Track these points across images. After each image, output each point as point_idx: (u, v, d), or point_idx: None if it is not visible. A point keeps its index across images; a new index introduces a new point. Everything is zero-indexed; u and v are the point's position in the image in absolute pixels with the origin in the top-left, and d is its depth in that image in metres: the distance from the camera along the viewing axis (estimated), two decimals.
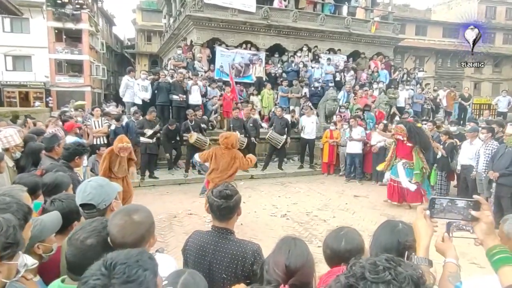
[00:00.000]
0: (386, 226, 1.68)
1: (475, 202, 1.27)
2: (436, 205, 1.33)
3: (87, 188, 1.91)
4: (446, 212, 1.32)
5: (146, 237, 1.51)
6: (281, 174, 10.14)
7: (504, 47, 32.12)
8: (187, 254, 2.11)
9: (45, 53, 26.31)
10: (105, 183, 2.00)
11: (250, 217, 6.63)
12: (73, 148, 3.69)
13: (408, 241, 1.52)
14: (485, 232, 1.24)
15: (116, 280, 0.94)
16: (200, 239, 2.09)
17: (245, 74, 13.81)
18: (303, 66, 13.72)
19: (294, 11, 15.07)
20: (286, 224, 6.34)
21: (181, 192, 8.34)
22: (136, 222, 1.48)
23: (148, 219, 1.54)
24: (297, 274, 1.52)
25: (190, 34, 14.37)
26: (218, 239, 2.04)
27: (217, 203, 2.02)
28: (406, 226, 1.62)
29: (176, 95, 10.09)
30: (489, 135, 6.82)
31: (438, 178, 8.29)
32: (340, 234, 1.87)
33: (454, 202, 1.31)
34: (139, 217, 1.51)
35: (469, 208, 1.27)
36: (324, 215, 6.81)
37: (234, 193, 2.07)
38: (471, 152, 7.25)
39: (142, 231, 1.49)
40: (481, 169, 6.81)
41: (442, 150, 8.03)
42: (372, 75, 14.72)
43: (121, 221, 1.47)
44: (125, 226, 1.46)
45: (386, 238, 1.61)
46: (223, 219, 2.06)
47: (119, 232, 1.44)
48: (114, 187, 2.09)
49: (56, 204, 1.96)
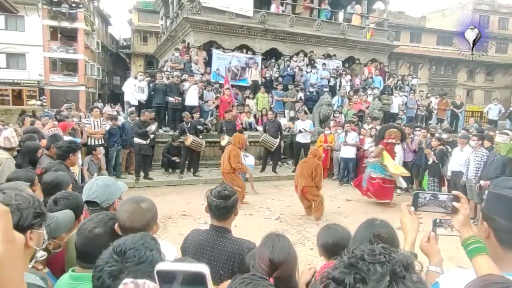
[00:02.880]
0: (364, 223, 1.81)
1: (455, 196, 1.40)
2: (419, 199, 1.44)
3: (93, 186, 2.01)
4: (429, 205, 1.44)
5: (151, 223, 1.66)
6: (275, 177, 10.22)
7: (496, 56, 32.63)
8: (186, 251, 2.18)
9: (40, 52, 26.17)
10: (110, 183, 2.11)
11: (244, 219, 6.69)
12: (65, 146, 3.74)
13: (380, 233, 1.63)
14: (462, 223, 1.35)
15: (130, 263, 1.06)
16: (198, 237, 2.17)
17: (241, 78, 13.92)
18: (298, 71, 13.86)
19: (290, 16, 15.22)
20: (280, 227, 6.40)
21: (176, 193, 8.38)
22: (143, 209, 1.63)
23: (153, 207, 1.71)
24: (281, 267, 1.64)
25: (187, 36, 14.44)
26: (216, 237, 2.12)
27: (215, 203, 2.10)
28: (384, 222, 1.73)
29: (172, 97, 10.14)
30: (480, 142, 6.97)
31: (430, 184, 8.45)
32: (328, 230, 2.06)
33: (436, 196, 1.44)
34: (146, 205, 1.67)
35: (450, 201, 1.40)
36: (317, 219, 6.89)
37: (232, 193, 2.16)
38: (461, 158, 7.40)
39: (149, 218, 1.64)
40: (471, 176, 6.96)
41: (433, 156, 8.19)
42: (367, 81, 14.90)
43: (131, 208, 1.62)
44: (134, 212, 1.60)
45: (363, 231, 1.74)
46: (221, 219, 2.14)
47: (129, 217, 1.58)
48: (119, 187, 2.19)
49: (63, 202, 2.02)
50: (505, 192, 1.24)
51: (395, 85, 15.11)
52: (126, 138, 8.89)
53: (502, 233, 1.22)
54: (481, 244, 1.26)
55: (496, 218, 1.23)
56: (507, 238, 1.21)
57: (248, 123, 11.90)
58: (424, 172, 8.72)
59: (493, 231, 1.25)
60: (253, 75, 13.73)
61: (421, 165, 8.85)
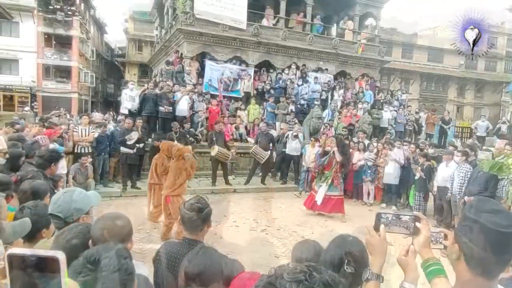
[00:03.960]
0: (337, 238, 1.76)
1: (416, 217, 1.40)
2: (382, 219, 1.43)
3: (59, 200, 1.97)
4: (391, 225, 1.43)
5: (126, 241, 1.65)
6: (264, 189, 10.20)
7: (486, 73, 33.33)
8: (158, 264, 2.18)
9: (33, 58, 26.07)
10: (78, 198, 2.03)
11: (231, 231, 6.67)
12: (48, 155, 3.69)
13: (351, 251, 1.60)
14: (422, 245, 1.35)
15: (106, 272, 1.05)
16: (170, 250, 2.16)
17: (233, 89, 13.99)
18: (290, 83, 13.99)
19: (283, 30, 15.43)
20: (265, 239, 6.39)
21: None
22: (118, 226, 1.64)
23: (128, 224, 1.71)
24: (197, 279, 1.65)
25: (181, 46, 14.54)
26: (188, 251, 2.10)
27: (188, 215, 2.10)
28: (356, 239, 1.72)
29: (162, 106, 10.15)
30: (463, 158, 7.08)
31: (416, 199, 8.51)
32: (304, 244, 2.04)
33: (398, 216, 1.43)
34: (121, 222, 1.67)
35: (412, 222, 1.40)
36: (303, 231, 6.89)
37: (205, 206, 2.17)
38: (446, 174, 7.48)
39: (123, 235, 1.64)
40: (455, 191, 7.03)
41: (421, 172, 8.28)
42: (357, 95, 15.08)
43: (106, 225, 1.63)
44: (109, 230, 1.60)
45: (334, 248, 1.69)
46: (194, 231, 2.15)
47: (103, 235, 1.58)
48: (88, 201, 2.10)
49: (25, 212, 2.03)
50: (481, 218, 1.18)
51: (385, 99, 15.30)
52: (115, 146, 8.85)
53: (473, 259, 1.18)
54: (440, 267, 1.27)
55: (469, 243, 1.19)
56: (478, 265, 1.18)
57: (239, 134, 11.94)
58: (411, 187, 8.79)
59: (464, 255, 1.21)
60: (245, 87, 13.82)
61: (409, 180, 8.93)
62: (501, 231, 1.15)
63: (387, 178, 9.12)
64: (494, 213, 1.19)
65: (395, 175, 9.01)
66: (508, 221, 1.17)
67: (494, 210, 1.21)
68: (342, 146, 7.96)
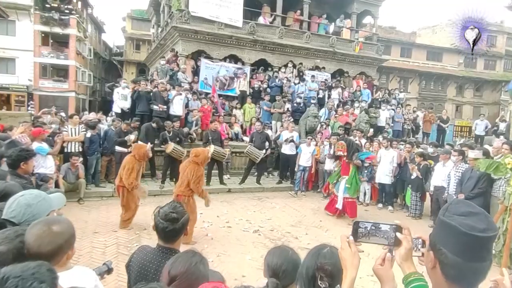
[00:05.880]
0: (314, 249, 1.70)
1: (397, 227, 1.26)
2: (360, 229, 1.30)
3: (13, 204, 1.81)
4: (370, 236, 1.29)
5: (64, 249, 1.49)
6: (259, 189, 10.08)
7: (485, 72, 33.22)
8: (130, 270, 2.05)
9: (30, 57, 25.90)
10: (35, 202, 1.86)
11: (222, 231, 6.56)
12: (15, 155, 3.56)
13: (323, 265, 1.54)
14: (403, 258, 1.21)
15: None
16: (143, 257, 2.04)
17: (229, 88, 13.87)
18: (286, 82, 13.86)
19: (280, 28, 15.30)
20: (258, 240, 6.27)
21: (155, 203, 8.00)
22: (54, 233, 1.46)
23: (68, 231, 1.52)
24: (177, 280, 1.56)
25: (176, 45, 14.41)
26: (161, 259, 1.98)
27: (162, 225, 1.98)
28: (330, 252, 1.61)
29: (156, 105, 10.03)
30: (460, 157, 6.96)
31: (413, 199, 8.41)
32: (277, 250, 1.93)
33: (378, 226, 1.29)
34: (59, 227, 1.49)
35: (393, 232, 1.26)
36: (297, 232, 6.77)
37: (181, 215, 2.03)
38: (443, 173, 7.38)
39: (60, 242, 1.47)
40: (451, 191, 6.92)
41: (417, 172, 8.16)
42: (355, 93, 14.96)
43: (39, 230, 1.46)
44: (43, 236, 1.44)
45: (309, 259, 1.63)
46: (168, 241, 2.02)
47: (36, 241, 1.42)
48: (47, 206, 1.93)
49: None
50: (454, 221, 1.08)
51: (383, 98, 15.18)
52: (108, 146, 8.73)
53: (448, 267, 1.09)
54: (423, 282, 1.15)
55: (444, 250, 1.10)
56: (454, 274, 1.09)
57: (234, 133, 11.82)
58: (408, 187, 8.67)
59: (439, 263, 1.12)
60: (241, 85, 13.69)
61: (406, 179, 8.80)
62: (477, 235, 1.05)
63: (379, 177, 8.99)
64: (470, 216, 1.09)
65: (387, 173, 8.86)
66: (484, 224, 1.07)
67: (469, 212, 1.10)
68: (354, 150, 7.80)
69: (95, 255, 5.18)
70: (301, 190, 10.02)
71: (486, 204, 6.01)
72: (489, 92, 33.55)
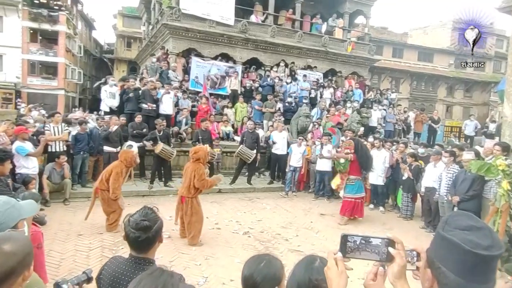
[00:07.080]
0: (303, 262, 1.57)
1: (390, 241, 1.14)
2: (348, 243, 1.17)
3: None
4: (360, 250, 1.16)
5: (18, 270, 1.29)
6: (250, 189, 9.96)
7: (475, 74, 33.50)
8: (101, 283, 1.90)
9: (18, 53, 25.43)
10: (2, 210, 1.70)
11: (211, 233, 6.42)
12: None
13: (318, 280, 1.42)
14: (396, 276, 1.09)
15: None
16: (115, 269, 1.87)
17: (221, 86, 13.69)
18: (278, 81, 13.75)
19: (272, 27, 15.19)
20: (247, 242, 6.15)
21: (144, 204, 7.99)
22: (5, 253, 1.26)
23: (22, 249, 1.32)
24: None
25: (166, 43, 14.20)
26: (135, 270, 1.82)
27: (134, 234, 1.81)
28: (323, 264, 1.49)
29: (145, 103, 9.83)
30: (451, 158, 6.92)
31: (404, 200, 8.36)
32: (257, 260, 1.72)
33: (368, 240, 1.16)
34: (11, 246, 1.29)
35: (385, 247, 1.14)
36: (287, 234, 6.66)
37: (153, 222, 1.87)
38: (434, 174, 7.33)
39: (13, 263, 1.27)
40: (443, 192, 6.87)
41: (409, 172, 8.11)
42: (347, 93, 14.92)
43: None
44: None
45: (300, 274, 1.51)
46: (142, 251, 1.88)
47: None
48: (14, 215, 1.76)
49: None
50: (456, 236, 0.98)
51: (374, 98, 15.17)
52: (94, 145, 8.52)
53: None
54: None
55: (443, 268, 0.99)
56: None
57: (225, 132, 11.67)
58: (399, 188, 8.62)
59: (437, 283, 1.01)
60: (232, 84, 13.54)
61: (398, 180, 8.75)
62: (482, 254, 0.93)
63: (371, 179, 8.92)
64: (473, 231, 0.97)
65: (379, 174, 8.79)
66: (489, 241, 0.95)
67: (472, 226, 0.99)
68: (363, 152, 7.60)
69: (79, 259, 5.01)
70: (292, 191, 9.92)
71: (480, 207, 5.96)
72: (479, 93, 33.85)
